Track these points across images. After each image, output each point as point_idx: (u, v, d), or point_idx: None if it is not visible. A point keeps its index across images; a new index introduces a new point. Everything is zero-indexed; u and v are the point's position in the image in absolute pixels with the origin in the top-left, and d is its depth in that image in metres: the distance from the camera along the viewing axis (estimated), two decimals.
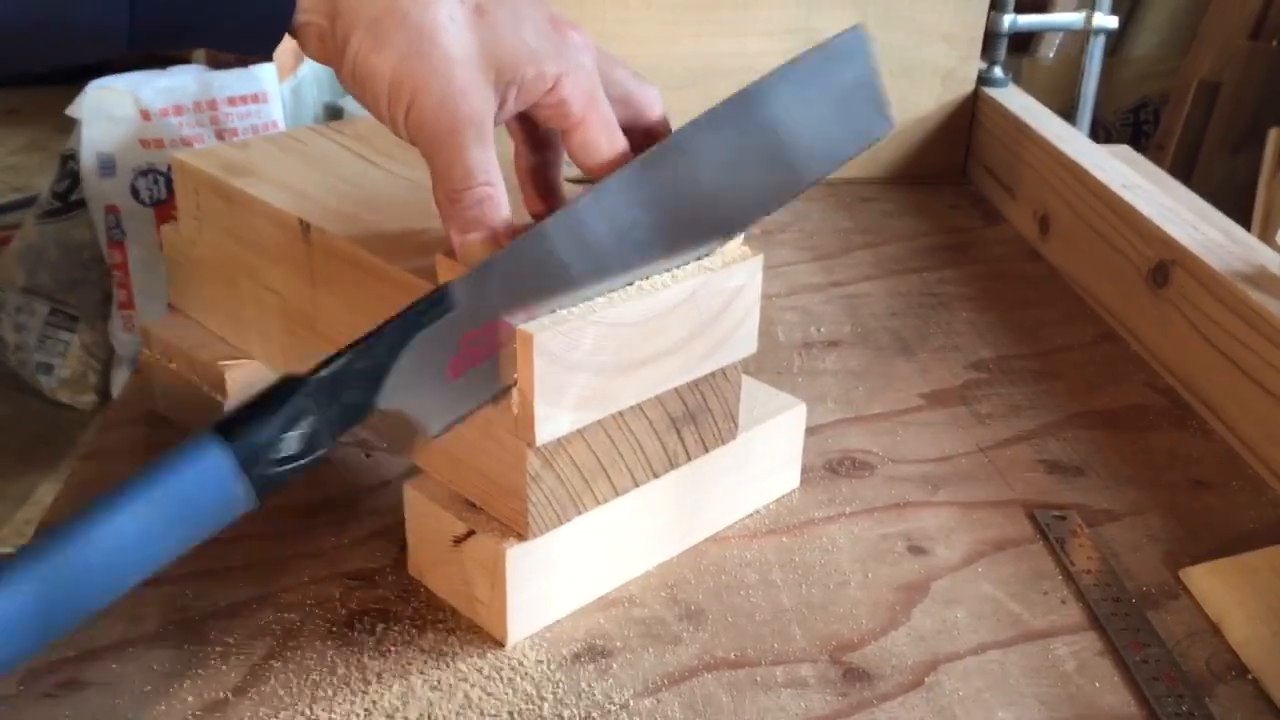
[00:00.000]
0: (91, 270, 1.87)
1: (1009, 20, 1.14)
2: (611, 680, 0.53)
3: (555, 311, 0.50)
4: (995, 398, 0.78)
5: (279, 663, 0.53)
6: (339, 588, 0.58)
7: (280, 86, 1.54)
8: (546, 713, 0.51)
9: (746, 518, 0.64)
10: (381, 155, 0.69)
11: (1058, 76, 2.13)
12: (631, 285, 0.53)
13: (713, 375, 0.58)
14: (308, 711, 0.51)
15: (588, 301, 0.51)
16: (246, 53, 0.52)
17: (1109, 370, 0.82)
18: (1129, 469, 0.70)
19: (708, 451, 0.60)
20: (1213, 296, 0.75)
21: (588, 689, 0.52)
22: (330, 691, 0.52)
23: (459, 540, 0.55)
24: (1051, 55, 2.26)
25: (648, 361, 0.54)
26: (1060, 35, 2.25)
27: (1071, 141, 1.01)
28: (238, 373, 0.67)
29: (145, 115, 1.53)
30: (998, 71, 1.16)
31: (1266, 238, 1.41)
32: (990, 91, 1.14)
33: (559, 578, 0.56)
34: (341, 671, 0.53)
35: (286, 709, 0.51)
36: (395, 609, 0.57)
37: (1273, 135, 1.89)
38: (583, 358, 0.50)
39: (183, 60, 1.60)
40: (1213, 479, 0.70)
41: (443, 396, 0.48)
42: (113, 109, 1.55)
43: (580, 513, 0.55)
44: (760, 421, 0.63)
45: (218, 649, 0.54)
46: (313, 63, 1.60)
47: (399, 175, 0.66)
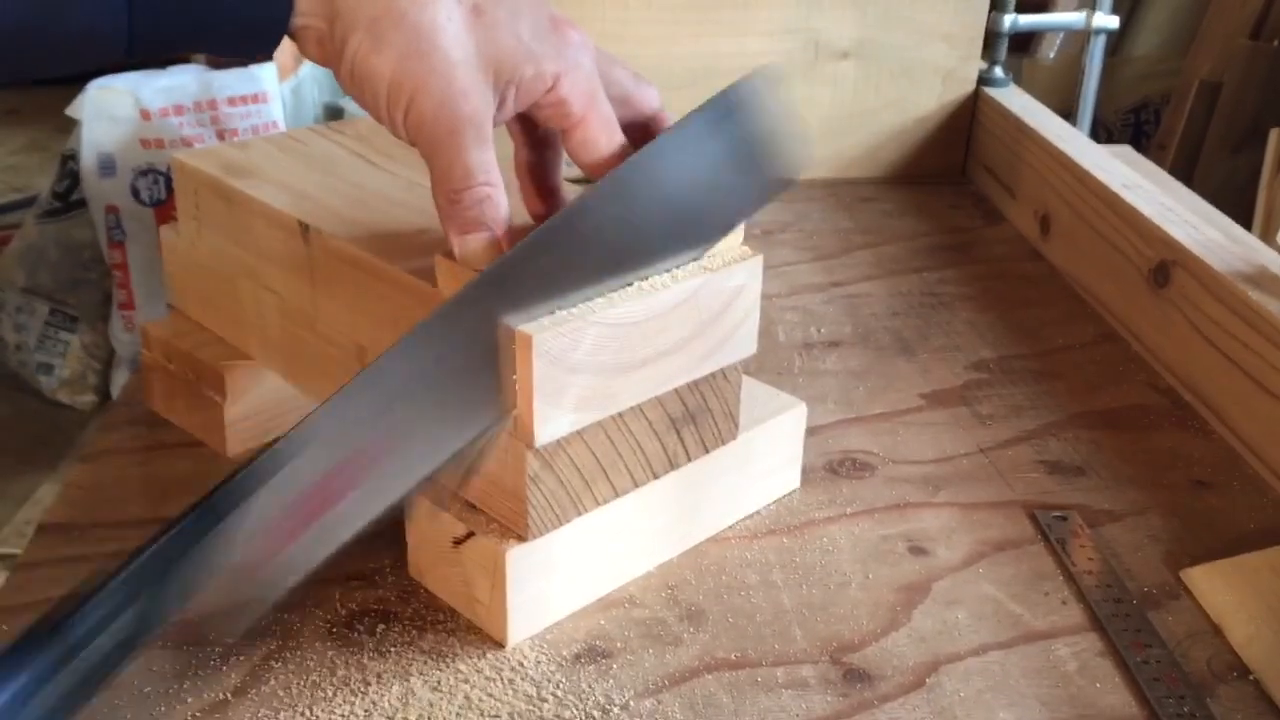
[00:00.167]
0: (91, 270, 1.87)
1: (1009, 20, 1.14)
2: (612, 681, 0.53)
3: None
4: (996, 398, 0.78)
5: (279, 663, 0.53)
6: (339, 588, 0.58)
7: (280, 87, 1.54)
8: (547, 714, 0.51)
9: (747, 518, 0.64)
10: (381, 156, 0.69)
11: (1058, 76, 2.13)
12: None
13: (713, 375, 0.58)
14: (307, 712, 0.51)
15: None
16: (245, 56, 0.52)
17: (1110, 370, 0.82)
18: (1130, 469, 0.70)
19: (708, 452, 0.60)
20: (1213, 297, 0.75)
21: (588, 690, 0.52)
22: (330, 692, 0.52)
23: (459, 541, 0.55)
24: (1052, 55, 2.27)
25: (648, 362, 0.53)
26: (1061, 35, 2.25)
27: (1072, 141, 1.01)
28: (238, 373, 0.67)
29: (145, 115, 1.53)
30: (998, 71, 1.16)
31: (1267, 238, 1.41)
32: (991, 91, 1.14)
33: (559, 579, 0.56)
34: (341, 672, 0.53)
35: (286, 710, 0.51)
36: (395, 610, 0.57)
37: (1273, 135, 1.89)
38: (582, 358, 0.50)
39: (183, 60, 1.60)
40: (1213, 479, 0.70)
41: (275, 564, 0.46)
42: (113, 109, 1.55)
43: (580, 514, 0.55)
44: (760, 422, 0.63)
45: (218, 650, 0.54)
46: (313, 63, 1.59)
47: (399, 176, 0.66)
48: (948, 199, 1.12)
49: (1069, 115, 1.18)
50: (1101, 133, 2.22)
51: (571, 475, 0.54)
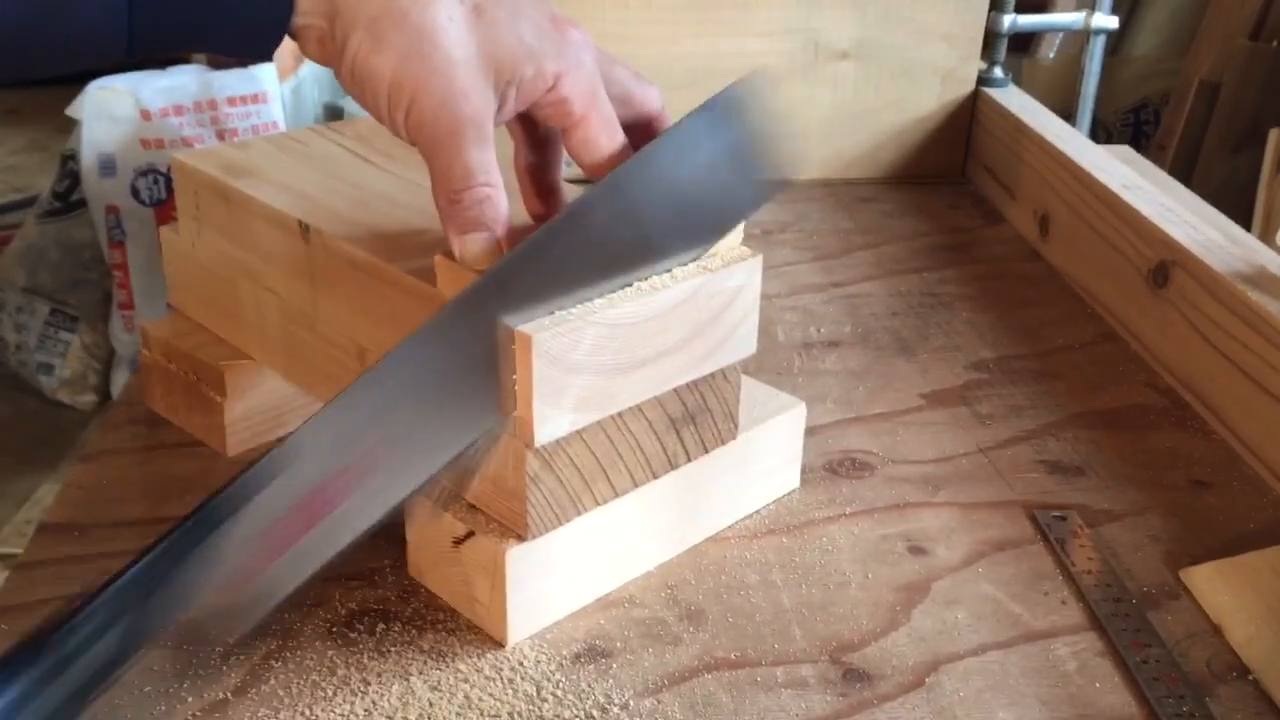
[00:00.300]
0: (92, 270, 1.87)
1: (1009, 20, 1.14)
2: (612, 680, 0.53)
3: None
4: (995, 398, 0.78)
5: (279, 663, 0.53)
6: (339, 588, 0.58)
7: (280, 87, 1.54)
8: (547, 713, 0.51)
9: (746, 518, 0.64)
10: (381, 156, 0.69)
11: (1058, 76, 2.13)
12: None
13: (712, 375, 0.58)
14: (307, 712, 0.51)
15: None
16: (246, 56, 0.52)
17: (1109, 370, 0.82)
18: (1129, 469, 0.70)
19: (707, 452, 0.60)
20: (1213, 297, 0.75)
21: (588, 689, 0.52)
22: (330, 692, 0.52)
23: (459, 541, 0.55)
24: (1051, 55, 2.26)
25: (647, 362, 0.54)
26: (1060, 35, 2.25)
27: (1071, 141, 1.01)
28: (238, 372, 0.67)
29: (145, 115, 1.54)
30: (998, 71, 1.16)
31: (1267, 238, 1.41)
32: (990, 91, 1.14)
33: (559, 578, 0.56)
34: (341, 672, 0.53)
35: (286, 709, 0.51)
36: (395, 609, 0.57)
37: (1273, 136, 1.89)
38: (582, 358, 0.50)
39: (183, 61, 1.60)
40: (1213, 479, 0.70)
41: (263, 579, 0.46)
42: (113, 109, 1.55)
43: (580, 513, 0.55)
44: (760, 422, 0.63)
45: (218, 649, 0.54)
46: (313, 63, 1.60)
47: (399, 176, 0.66)
48: (947, 199, 1.12)
49: (1068, 115, 1.18)
50: (1101, 133, 2.23)
51: (571, 475, 0.54)
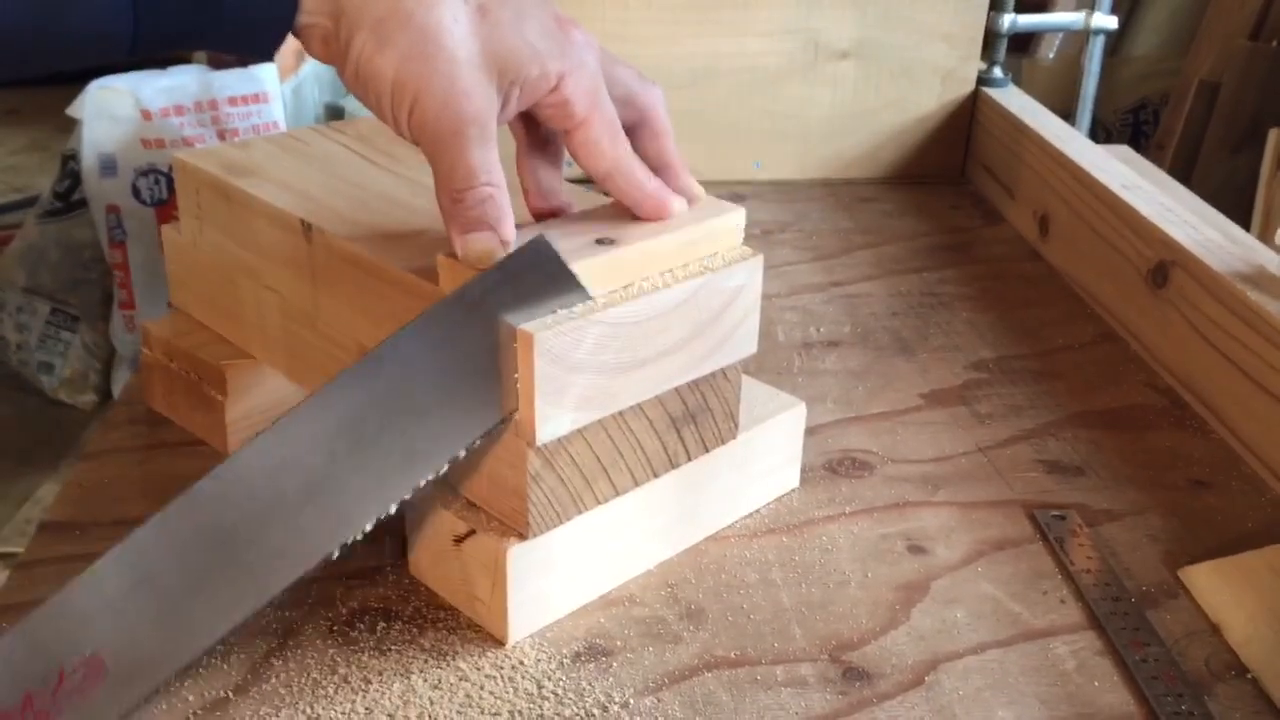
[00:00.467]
0: (92, 270, 1.87)
1: (1009, 20, 1.14)
2: (612, 679, 0.53)
3: None
4: (995, 398, 0.78)
5: (280, 661, 0.53)
6: (340, 586, 0.58)
7: (281, 86, 1.54)
8: (547, 712, 0.51)
9: (746, 517, 0.64)
10: (383, 155, 0.69)
11: (1057, 76, 2.13)
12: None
13: (713, 375, 0.58)
14: (308, 710, 0.51)
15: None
16: (249, 55, 0.52)
17: (1109, 370, 0.82)
18: (1129, 469, 0.70)
19: (708, 451, 0.60)
20: (1212, 297, 0.75)
21: (588, 688, 0.53)
22: (331, 690, 0.52)
23: (460, 539, 0.55)
24: (1051, 55, 2.27)
25: (648, 361, 0.54)
26: (1060, 35, 2.25)
27: (1071, 142, 1.01)
28: (238, 373, 0.67)
29: (146, 115, 1.53)
30: (997, 71, 1.16)
31: (1266, 238, 1.41)
32: (990, 91, 1.14)
33: (559, 577, 0.56)
34: (342, 670, 0.53)
35: (287, 707, 0.51)
36: (396, 608, 0.57)
37: (1273, 135, 1.90)
38: (584, 358, 0.51)
39: (184, 60, 1.60)
40: (1212, 479, 0.70)
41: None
42: (114, 109, 1.55)
43: (581, 512, 0.55)
44: (760, 421, 0.63)
45: (219, 647, 0.54)
46: (314, 63, 1.60)
47: (400, 175, 0.66)
48: (947, 199, 1.13)
49: (1068, 115, 1.19)
50: (1100, 133, 2.23)
51: (572, 474, 0.54)
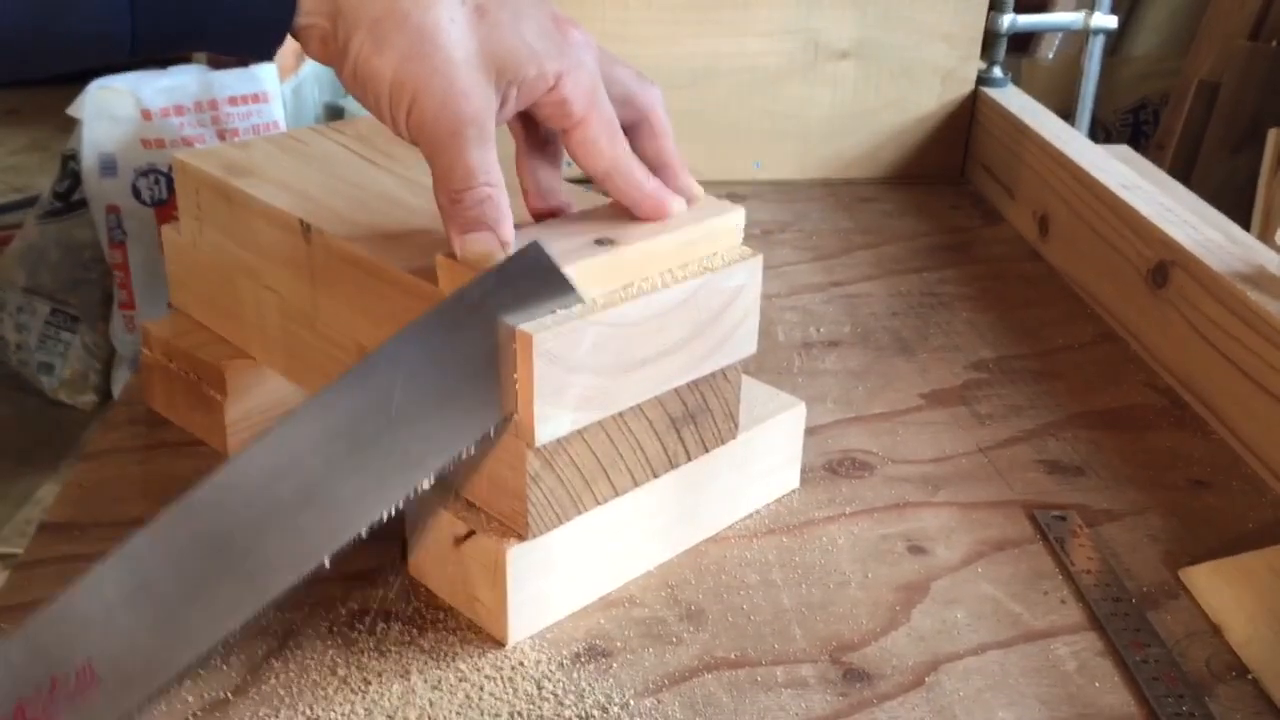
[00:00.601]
0: (92, 270, 1.87)
1: (1009, 20, 1.14)
2: (612, 680, 0.53)
3: None
4: (995, 398, 0.78)
5: (279, 662, 0.53)
6: (339, 587, 0.58)
7: (281, 87, 1.54)
8: (547, 712, 0.51)
9: (746, 518, 0.64)
10: (382, 155, 0.69)
11: (1057, 76, 2.13)
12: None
13: (713, 375, 0.58)
14: (308, 711, 0.51)
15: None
16: (248, 56, 0.52)
17: (1109, 370, 0.82)
18: (1129, 469, 0.70)
19: (708, 451, 0.60)
20: (1212, 297, 0.75)
21: (588, 689, 0.53)
22: (330, 691, 0.52)
23: (459, 540, 0.55)
24: (1051, 55, 2.27)
25: (648, 361, 0.54)
26: (1060, 35, 2.25)
27: (1071, 141, 1.01)
28: (238, 373, 0.67)
29: (146, 115, 1.53)
30: (997, 71, 1.16)
31: (1266, 238, 1.41)
32: (990, 91, 1.14)
33: (559, 578, 0.56)
34: (342, 671, 0.53)
35: (287, 708, 0.51)
36: (395, 608, 0.57)
37: (1272, 135, 1.89)
38: (583, 358, 0.51)
39: (184, 60, 1.60)
40: (1213, 479, 0.70)
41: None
42: (114, 109, 1.55)
43: (580, 513, 0.55)
44: (760, 421, 0.63)
45: (218, 648, 0.54)
46: (314, 63, 1.60)
47: (399, 175, 0.66)
48: (947, 199, 1.13)
49: (1068, 115, 1.18)
50: (1100, 133, 2.23)
51: (572, 474, 0.54)
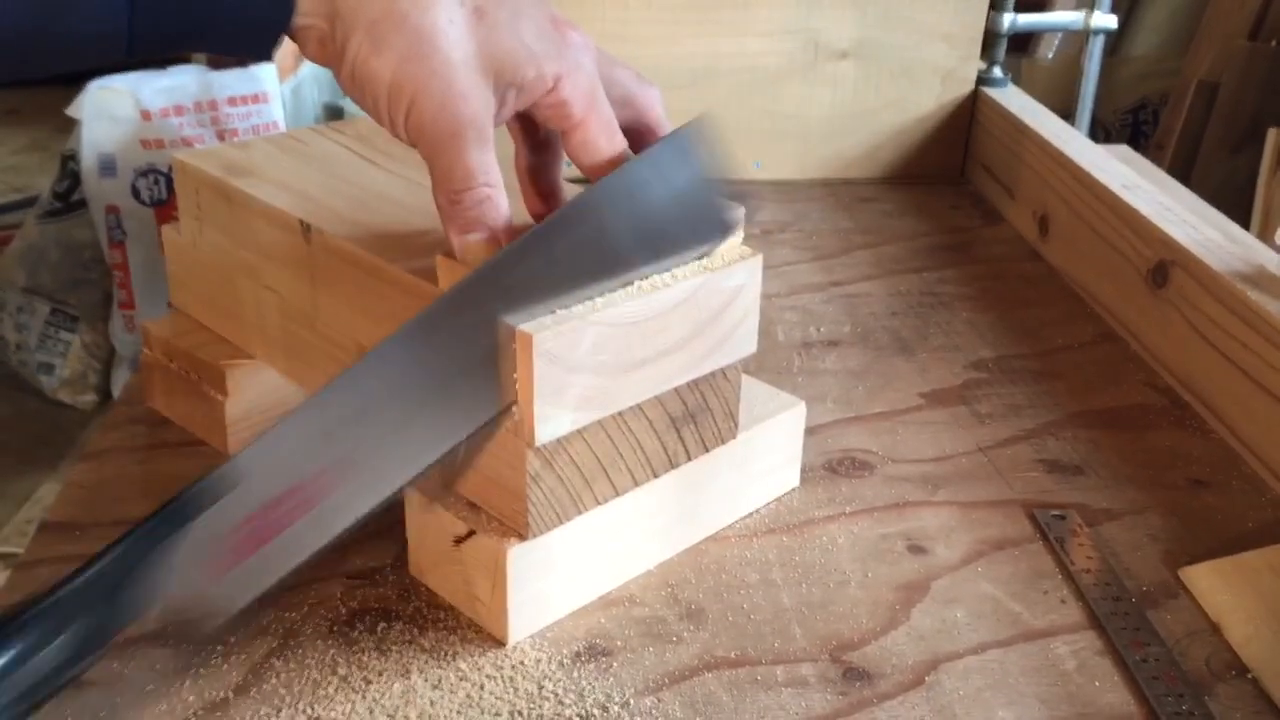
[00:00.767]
0: (92, 270, 1.87)
1: (1009, 20, 1.14)
2: (612, 679, 0.53)
3: None
4: (995, 397, 0.78)
5: (280, 662, 0.53)
6: (340, 587, 0.58)
7: (281, 87, 1.54)
8: (547, 712, 0.51)
9: (746, 517, 0.64)
10: (382, 155, 0.69)
11: (1057, 76, 2.13)
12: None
13: (713, 375, 0.58)
14: (309, 710, 0.51)
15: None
16: (246, 56, 0.52)
17: (1109, 370, 0.82)
18: (1129, 469, 0.70)
19: (708, 451, 0.60)
20: (1212, 297, 0.75)
21: (589, 688, 0.53)
22: (331, 690, 0.52)
23: (459, 540, 0.55)
24: (1051, 55, 2.27)
25: (648, 361, 0.54)
26: (1059, 35, 2.25)
27: (1071, 141, 1.01)
28: (238, 373, 0.67)
29: (146, 115, 1.53)
30: (997, 71, 1.16)
31: (1266, 238, 1.41)
32: (989, 91, 1.14)
33: (559, 577, 0.56)
34: (342, 671, 0.53)
35: (287, 708, 0.51)
36: (396, 608, 0.57)
37: (1272, 135, 1.90)
38: (583, 358, 0.51)
39: (183, 61, 1.60)
40: (1212, 479, 0.70)
41: (232, 579, 0.47)
42: (113, 109, 1.55)
43: (580, 512, 0.55)
44: (760, 421, 0.63)
45: (219, 648, 0.54)
46: (313, 63, 1.60)
47: (399, 175, 0.66)
48: (947, 199, 1.13)
49: (1068, 115, 1.19)
50: (1100, 133, 2.23)
51: (572, 474, 0.54)
